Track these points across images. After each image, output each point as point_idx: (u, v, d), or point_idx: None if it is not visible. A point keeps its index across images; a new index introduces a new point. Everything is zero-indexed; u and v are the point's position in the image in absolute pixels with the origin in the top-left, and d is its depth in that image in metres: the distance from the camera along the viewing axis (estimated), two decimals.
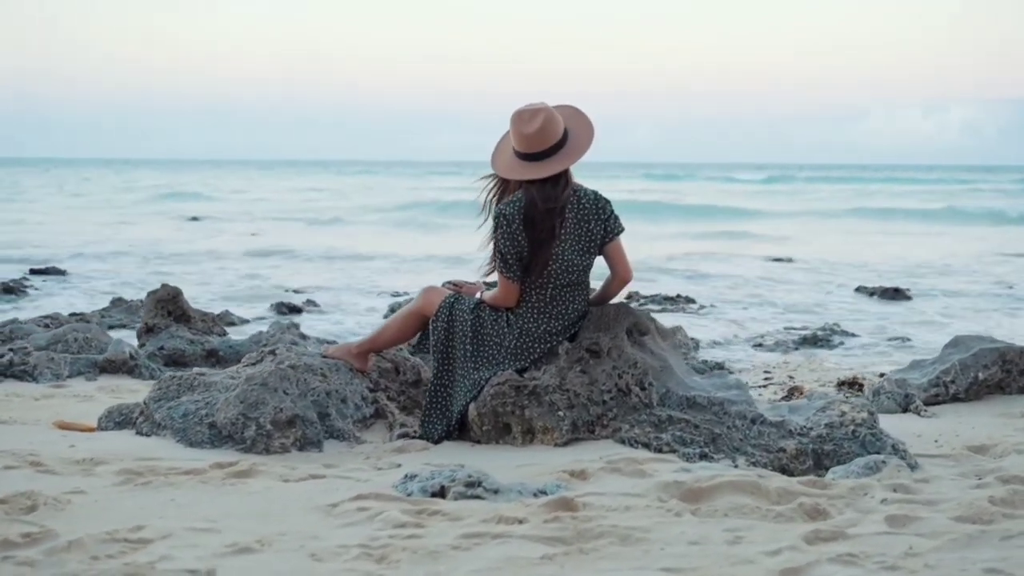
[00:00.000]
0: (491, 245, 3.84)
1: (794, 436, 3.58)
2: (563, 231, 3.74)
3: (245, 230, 19.88)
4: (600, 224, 3.81)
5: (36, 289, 10.20)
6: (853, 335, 7.63)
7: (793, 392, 5.36)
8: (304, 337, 6.47)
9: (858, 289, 10.68)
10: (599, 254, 3.89)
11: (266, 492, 2.83)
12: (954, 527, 2.53)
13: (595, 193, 3.86)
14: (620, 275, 3.90)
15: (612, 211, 3.86)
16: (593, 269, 3.89)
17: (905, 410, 4.68)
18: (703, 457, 3.45)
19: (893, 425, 4.34)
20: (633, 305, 9.15)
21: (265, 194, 37.57)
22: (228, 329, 7.32)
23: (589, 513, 2.55)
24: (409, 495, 2.81)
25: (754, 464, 3.45)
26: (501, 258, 3.75)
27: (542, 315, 3.80)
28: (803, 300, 10.05)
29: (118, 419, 3.93)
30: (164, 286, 6.38)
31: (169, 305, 6.29)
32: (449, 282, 4.25)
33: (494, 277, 3.91)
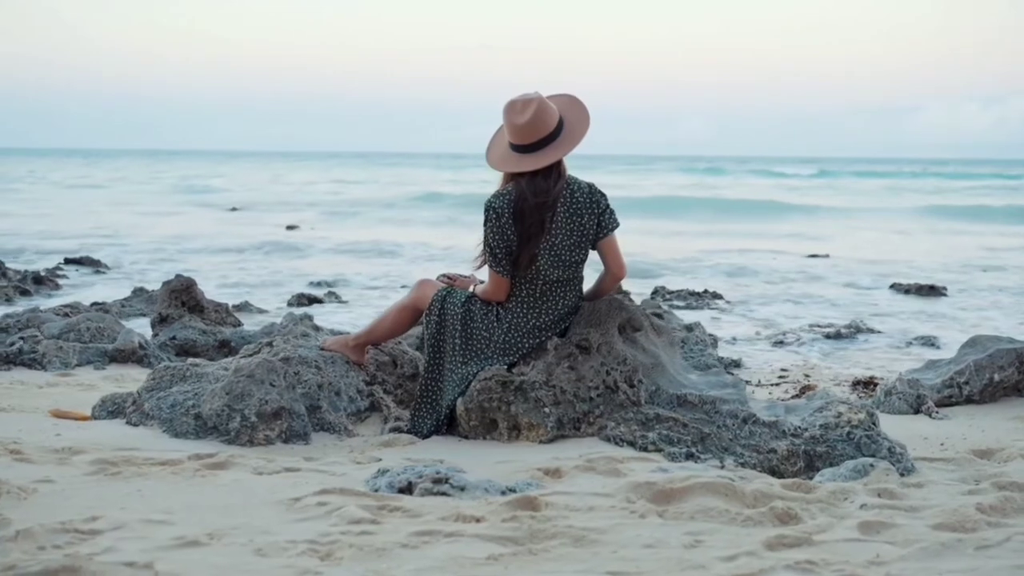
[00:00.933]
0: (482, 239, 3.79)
1: (787, 437, 3.48)
2: (554, 225, 3.68)
3: (282, 221, 20.05)
4: (593, 218, 3.74)
5: (67, 279, 10.37)
6: (879, 333, 7.45)
7: (804, 391, 5.24)
8: (317, 329, 6.46)
9: (893, 286, 10.44)
10: (593, 249, 3.82)
11: (235, 485, 2.82)
12: (929, 535, 2.43)
13: (590, 186, 3.78)
14: (613, 272, 3.82)
15: (607, 205, 3.78)
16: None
17: (917, 411, 4.55)
18: (689, 457, 3.37)
19: (901, 427, 4.22)
20: (658, 300, 9.11)
21: (301, 185, 37.88)
22: (246, 320, 7.37)
23: (550, 513, 2.49)
24: (376, 491, 2.77)
25: (742, 465, 3.37)
26: (490, 252, 3.70)
27: (532, 310, 3.74)
28: (834, 297, 9.85)
29: (111, 408, 3.95)
30: (178, 276, 6.43)
31: (183, 295, 6.33)
32: (444, 275, 4.22)
33: (486, 271, 3.87)
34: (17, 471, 2.86)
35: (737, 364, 6.29)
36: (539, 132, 3.66)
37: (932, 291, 9.85)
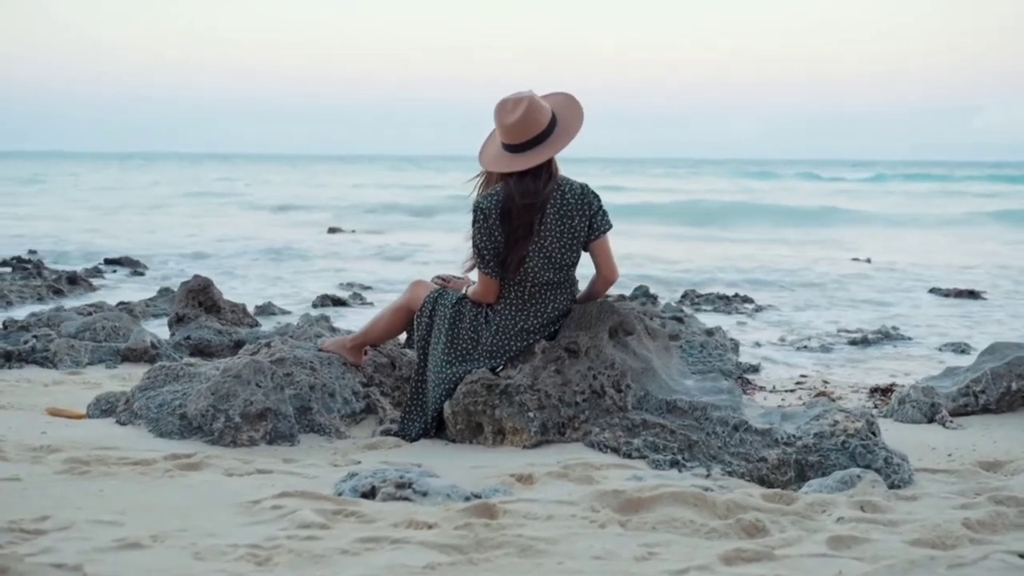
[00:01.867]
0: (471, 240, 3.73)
1: (779, 445, 3.36)
2: (543, 227, 3.60)
3: (324, 223, 20.21)
4: (585, 220, 3.66)
5: (103, 279, 10.55)
6: (908, 339, 7.23)
7: (818, 398, 5.09)
8: (333, 330, 6.46)
9: (932, 290, 10.16)
10: (585, 251, 3.74)
11: (201, 486, 2.80)
12: (902, 551, 2.31)
13: (583, 187, 3.70)
14: (604, 275, 3.74)
15: (600, 207, 3.70)
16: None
17: (931, 420, 4.39)
18: (674, 464, 3.27)
19: (912, 436, 4.08)
20: (684, 304, 8.98)
21: (344, 188, 38.13)
22: (268, 321, 7.41)
23: (506, 521, 2.42)
24: (340, 495, 2.73)
25: (730, 474, 3.26)
26: (478, 253, 3.64)
27: (520, 312, 3.68)
28: (871, 302, 9.61)
29: (104, 407, 3.97)
30: (195, 277, 6.48)
31: (200, 295, 6.37)
32: (438, 276, 4.17)
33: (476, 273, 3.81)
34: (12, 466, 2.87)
35: (755, 369, 6.14)
36: (530, 131, 3.59)
37: (972, 296, 9.57)
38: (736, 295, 9.68)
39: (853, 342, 7.05)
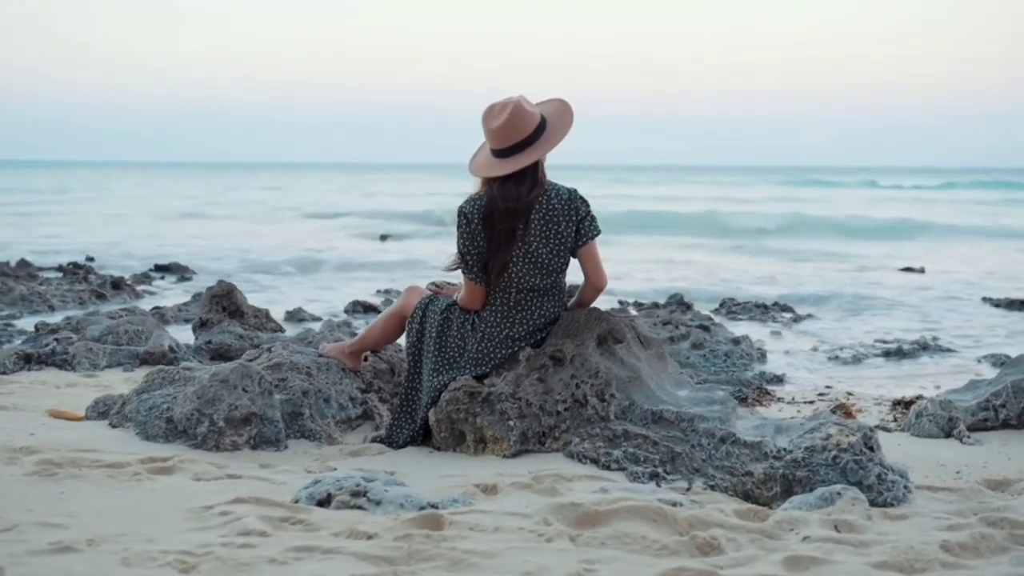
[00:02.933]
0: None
1: (767, 459, 3.24)
2: (528, 232, 3.54)
3: (376, 230, 20.38)
4: (572, 225, 3.59)
5: (149, 285, 10.75)
6: (948, 350, 6.97)
7: (837, 410, 4.92)
8: (355, 336, 6.48)
9: (984, 299, 9.81)
10: (574, 257, 3.67)
11: (163, 490, 2.79)
12: (863, 575, 2.19)
13: (571, 192, 3.63)
14: (592, 281, 3.66)
15: (588, 212, 3.62)
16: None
17: (948, 435, 4.20)
18: (653, 477, 3.18)
19: (924, 451, 3.91)
20: (719, 312, 8.80)
21: (392, 197, 38.32)
22: (296, 327, 7.46)
23: (449, 533, 2.36)
24: (296, 502, 2.70)
25: (712, 488, 3.15)
26: (461, 258, 3.60)
27: (505, 319, 3.62)
28: (918, 312, 9.30)
29: (102, 409, 4.02)
30: (220, 282, 6.55)
31: (223, 300, 6.44)
32: (433, 283, 4.13)
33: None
34: None
35: (780, 380, 5.98)
36: (515, 136, 3.53)
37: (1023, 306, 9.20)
38: (776, 304, 9.47)
39: (887, 353, 6.82)
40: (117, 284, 9.53)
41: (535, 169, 3.55)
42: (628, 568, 2.15)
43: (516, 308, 3.61)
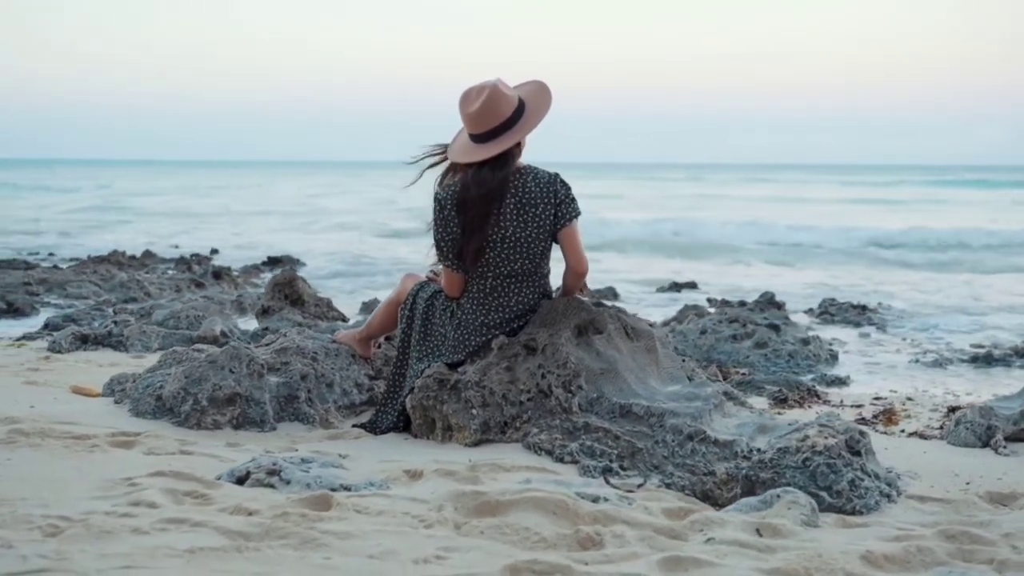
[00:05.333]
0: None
1: (735, 459, 3.05)
2: (502, 217, 3.46)
3: None
4: (549, 209, 3.48)
5: (258, 277, 11.19)
6: None
7: (880, 416, 4.57)
8: None
9: None
10: (555, 242, 3.56)
11: (101, 463, 2.87)
12: None
13: (550, 175, 3.52)
14: (571, 266, 3.54)
15: (567, 195, 3.50)
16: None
17: (985, 444, 3.84)
18: (606, 471, 3.03)
19: (948, 460, 3.61)
20: (812, 313, 8.37)
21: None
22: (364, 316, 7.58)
23: (330, 514, 2.32)
24: (218, 479, 2.72)
25: (668, 486, 2.99)
26: (436, 245, 3.54)
27: (481, 307, 3.54)
28: None
29: (115, 387, 4.19)
30: (283, 271, 6.73)
31: (286, 289, 6.61)
32: (432, 270, 4.10)
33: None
34: None
35: (842, 382, 5.63)
36: (491, 121, 3.45)
37: None
38: (880, 304, 8.94)
39: (975, 359, 6.30)
40: (218, 274, 9.97)
41: (509, 152, 3.46)
42: (483, 558, 2.05)
43: (492, 295, 3.53)
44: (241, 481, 2.70)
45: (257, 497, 2.48)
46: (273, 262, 12.76)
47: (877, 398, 5.13)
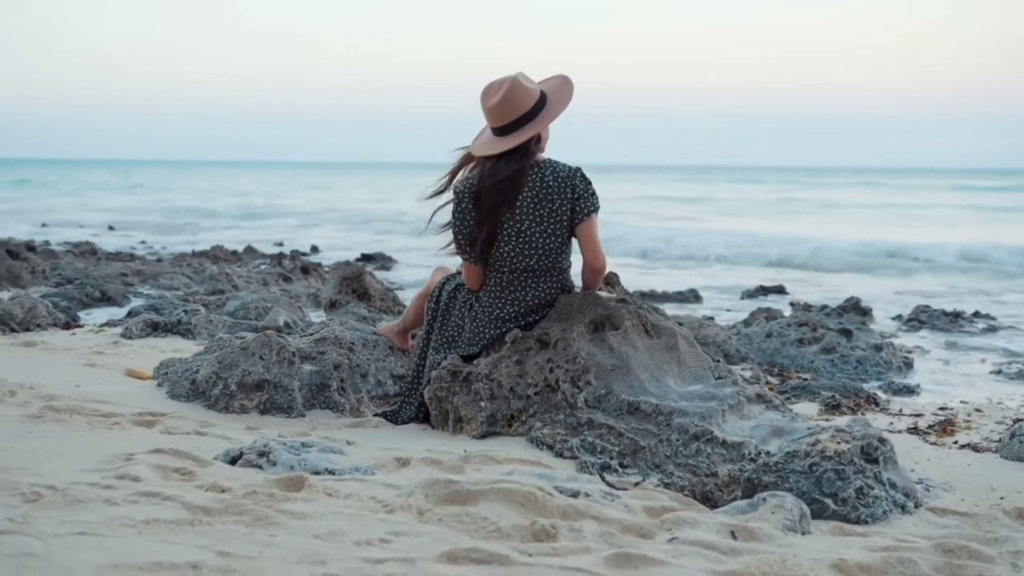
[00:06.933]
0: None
1: (741, 461, 2.95)
2: (518, 210, 3.44)
3: None
4: (566, 203, 3.45)
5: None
6: None
7: (935, 426, 4.34)
8: None
9: None
10: (574, 236, 3.52)
11: (114, 439, 2.98)
12: None
13: (570, 169, 3.49)
14: (587, 261, 3.50)
15: (585, 190, 3.46)
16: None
17: None
18: (604, 468, 2.98)
19: (990, 474, 3.44)
20: (902, 317, 8.01)
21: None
22: None
23: (297, 495, 2.36)
24: (214, 459, 2.80)
25: (667, 485, 2.92)
26: (454, 238, 3.56)
27: (497, 300, 3.54)
28: None
29: (164, 371, 4.36)
30: (350, 265, 6.87)
31: (353, 283, 6.75)
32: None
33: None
34: None
35: (910, 391, 5.37)
36: (510, 114, 3.45)
37: None
38: (976, 313, 8.50)
39: None
40: (306, 270, 10.24)
41: (526, 145, 3.44)
42: (426, 543, 2.05)
43: (509, 289, 3.52)
44: (234, 461, 2.77)
45: (238, 476, 2.54)
46: (366, 259, 13.04)
47: (942, 408, 4.88)
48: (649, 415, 3.16)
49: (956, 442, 4.07)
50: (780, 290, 10.28)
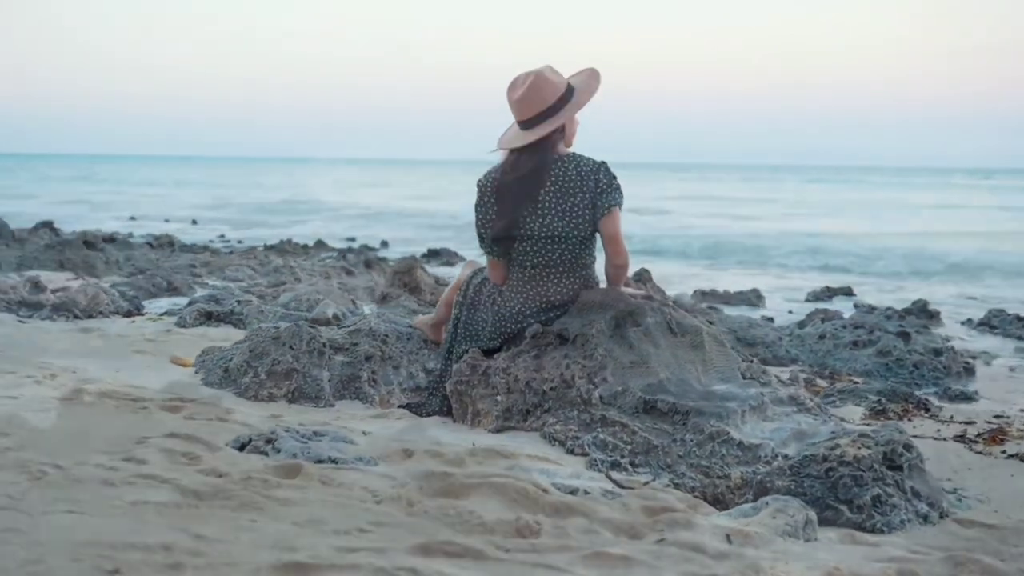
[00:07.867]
0: None
1: (756, 463, 2.88)
2: (540, 204, 3.42)
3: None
4: (587, 198, 3.41)
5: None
6: None
7: (984, 434, 4.16)
8: None
9: None
10: (597, 231, 3.48)
11: (135, 423, 3.04)
12: None
13: (594, 164, 3.45)
14: (609, 256, 3.45)
15: (608, 184, 3.41)
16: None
17: None
18: (614, 466, 2.94)
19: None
20: (972, 321, 7.70)
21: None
22: None
23: (291, 482, 2.38)
24: (226, 445, 2.85)
25: (677, 486, 2.86)
26: (477, 231, 3.55)
27: (518, 294, 3.52)
28: None
29: (204, 359, 4.46)
30: (403, 260, 6.93)
31: (404, 277, 6.82)
32: None
33: None
34: (30, 390, 3.41)
35: (967, 398, 5.16)
36: (535, 107, 3.42)
37: None
38: None
39: None
40: (369, 263, 10.37)
41: (547, 138, 3.41)
42: (403, 535, 2.04)
43: (530, 283, 3.50)
44: (243, 447, 2.81)
45: (240, 462, 2.58)
46: (432, 254, 13.14)
47: (997, 416, 4.67)
48: (665, 414, 3.10)
49: (1004, 452, 3.89)
50: (847, 292, 10.00)
